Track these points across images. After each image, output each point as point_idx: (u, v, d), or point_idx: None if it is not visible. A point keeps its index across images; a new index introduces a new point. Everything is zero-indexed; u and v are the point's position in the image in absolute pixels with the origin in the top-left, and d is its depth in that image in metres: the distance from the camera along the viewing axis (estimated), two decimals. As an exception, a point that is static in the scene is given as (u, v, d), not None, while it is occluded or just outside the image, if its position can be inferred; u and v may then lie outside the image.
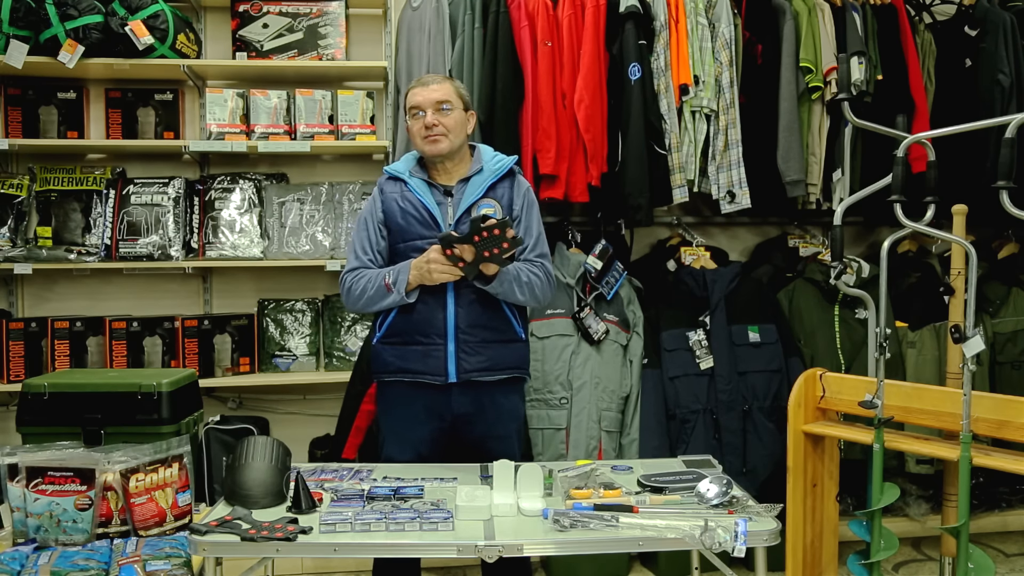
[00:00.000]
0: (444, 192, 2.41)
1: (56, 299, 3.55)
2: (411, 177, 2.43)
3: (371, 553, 1.91)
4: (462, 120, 2.42)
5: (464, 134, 2.44)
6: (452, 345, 2.33)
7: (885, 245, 2.31)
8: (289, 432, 3.59)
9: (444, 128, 2.36)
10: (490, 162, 2.44)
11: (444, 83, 2.41)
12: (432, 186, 2.41)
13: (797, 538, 2.50)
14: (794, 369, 3.17)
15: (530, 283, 2.35)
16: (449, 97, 2.38)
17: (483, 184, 2.40)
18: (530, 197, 2.48)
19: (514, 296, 2.34)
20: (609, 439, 3.20)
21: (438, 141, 2.37)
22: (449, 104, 2.38)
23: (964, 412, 2.09)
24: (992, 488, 3.59)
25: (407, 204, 2.40)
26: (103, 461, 2.03)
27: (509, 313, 2.39)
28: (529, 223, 2.44)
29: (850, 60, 3.08)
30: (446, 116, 2.37)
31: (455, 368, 2.33)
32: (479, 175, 2.41)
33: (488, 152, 2.49)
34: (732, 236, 3.90)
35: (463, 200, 2.38)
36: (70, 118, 3.45)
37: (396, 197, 2.42)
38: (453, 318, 2.33)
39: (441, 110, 2.37)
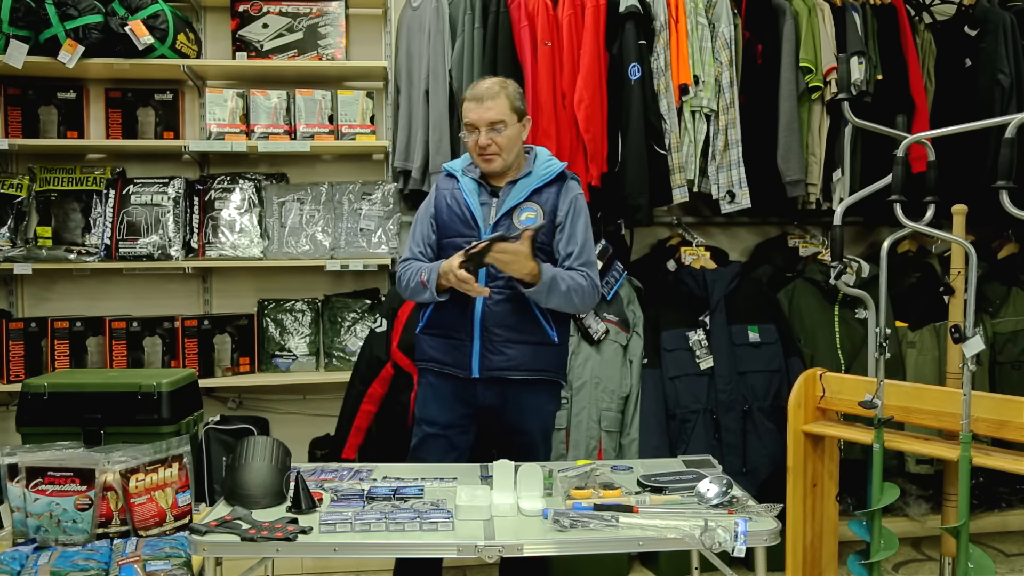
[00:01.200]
0: (491, 193, 2.42)
1: (56, 299, 3.55)
2: (463, 176, 2.45)
3: (371, 553, 1.91)
4: (516, 134, 2.41)
5: (519, 144, 2.44)
6: (478, 343, 2.36)
7: (885, 245, 2.31)
8: (289, 432, 3.58)
9: (497, 147, 2.36)
10: (541, 166, 2.44)
11: (498, 98, 2.36)
12: (481, 186, 2.43)
13: (797, 538, 2.50)
14: (794, 369, 3.17)
15: (568, 292, 2.33)
16: (503, 116, 2.35)
17: (528, 188, 2.40)
18: (578, 204, 2.44)
19: (548, 302, 2.33)
20: (609, 439, 3.20)
21: (491, 161, 2.38)
22: (503, 124, 2.35)
23: (964, 412, 2.09)
24: (992, 488, 3.59)
25: (454, 202, 2.44)
26: (103, 461, 2.03)
27: (540, 316, 2.38)
28: (574, 231, 2.42)
29: (850, 60, 3.08)
30: (500, 135, 2.36)
31: (479, 364, 2.36)
32: (526, 178, 2.42)
33: (543, 155, 2.49)
34: (732, 236, 3.90)
35: (506, 202, 2.40)
36: (70, 118, 3.45)
37: (447, 194, 2.46)
38: (480, 317, 2.36)
39: (494, 130, 2.35)
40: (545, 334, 2.41)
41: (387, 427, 3.00)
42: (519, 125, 2.42)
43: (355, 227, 3.47)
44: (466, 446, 2.46)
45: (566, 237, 2.41)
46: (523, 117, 2.44)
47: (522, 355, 2.37)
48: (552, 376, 2.46)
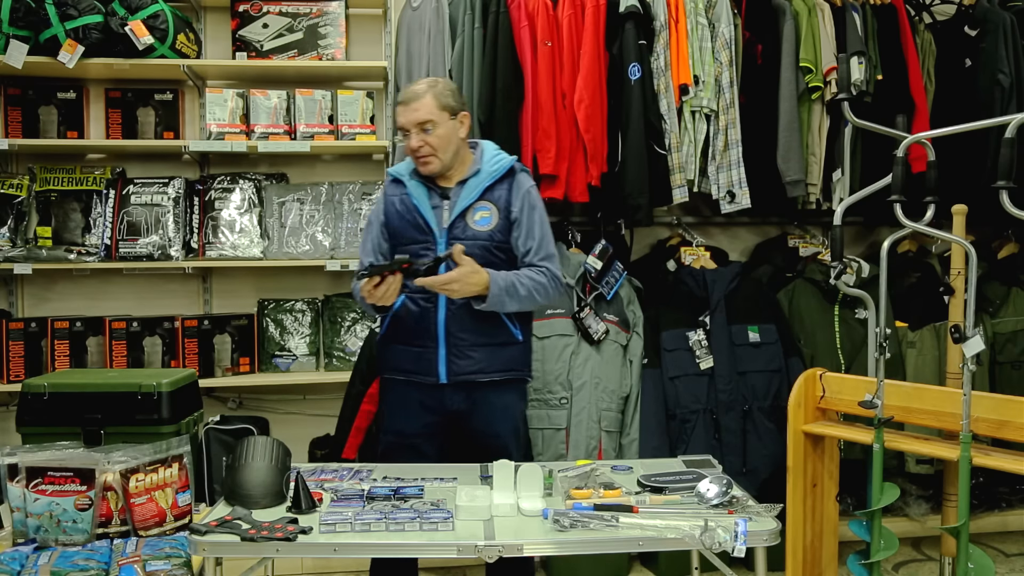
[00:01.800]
0: (441, 195, 2.38)
1: (56, 299, 3.55)
2: (410, 180, 2.41)
3: (371, 553, 1.92)
4: (450, 132, 2.35)
5: (456, 142, 2.38)
6: (443, 349, 2.34)
7: (885, 245, 2.31)
8: (289, 432, 3.58)
9: (430, 148, 2.32)
10: (489, 163, 2.41)
11: (425, 98, 2.32)
12: (430, 189, 2.39)
13: (797, 538, 2.50)
14: (794, 369, 3.17)
15: (530, 294, 2.32)
16: (431, 116, 2.31)
17: (479, 187, 2.37)
18: (531, 198, 2.42)
19: (506, 309, 2.33)
20: (609, 439, 3.20)
21: (428, 163, 2.35)
22: (431, 124, 2.31)
23: (964, 412, 2.09)
24: (992, 488, 3.59)
25: (404, 208, 2.40)
26: (103, 461, 2.03)
27: (503, 316, 2.37)
28: (531, 225, 2.40)
29: (850, 60, 3.08)
30: (431, 135, 2.32)
31: (446, 370, 2.34)
32: (476, 177, 2.38)
33: (490, 151, 2.46)
34: (732, 236, 3.90)
35: (458, 204, 2.36)
36: (70, 118, 3.45)
37: (396, 200, 2.42)
38: (444, 322, 2.33)
39: (424, 131, 2.32)
40: (510, 334, 2.39)
41: (387, 427, 3.00)
42: (453, 122, 2.35)
43: (355, 227, 3.47)
44: (434, 453, 2.43)
45: (524, 233, 2.38)
46: (457, 113, 2.37)
47: (488, 357, 2.36)
48: (519, 375, 2.45)
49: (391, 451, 2.44)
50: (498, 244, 2.36)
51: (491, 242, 2.35)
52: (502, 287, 2.28)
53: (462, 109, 2.40)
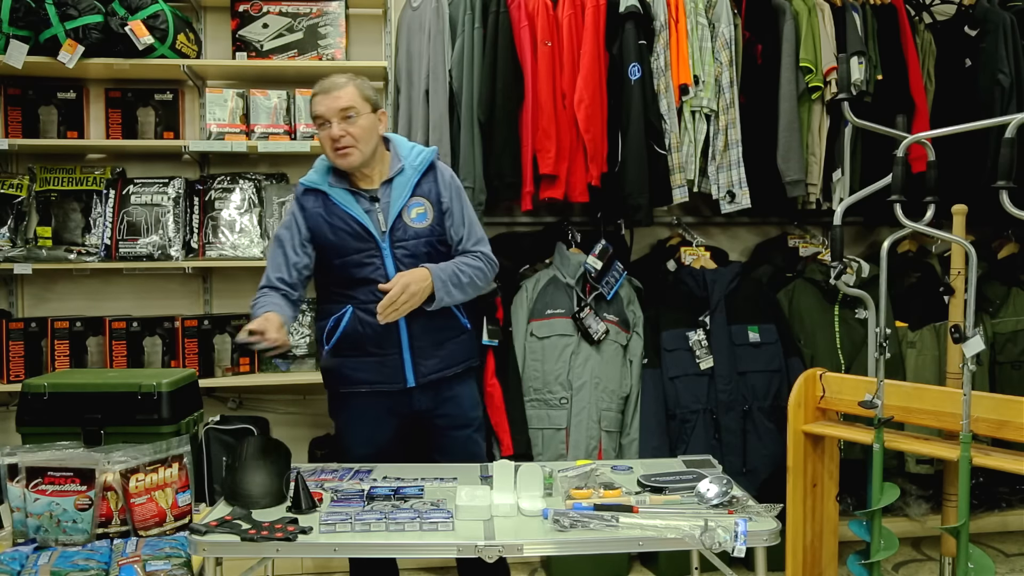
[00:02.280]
0: (370, 199, 2.31)
1: (56, 299, 3.55)
2: (332, 188, 2.32)
3: (371, 553, 1.91)
4: (371, 124, 2.29)
5: (376, 138, 2.32)
6: (407, 353, 2.33)
7: (885, 245, 2.31)
8: (289, 432, 3.59)
9: (352, 139, 2.25)
10: (410, 158, 2.35)
11: (347, 87, 2.27)
12: (356, 194, 2.32)
13: (797, 538, 2.50)
14: (794, 369, 3.17)
15: (472, 281, 2.34)
16: (354, 103, 2.25)
17: (408, 185, 2.32)
18: (455, 185, 2.40)
19: (456, 301, 2.33)
20: (609, 439, 3.20)
21: (349, 154, 2.26)
22: (354, 111, 2.25)
23: (964, 412, 2.09)
24: (992, 488, 3.59)
25: (335, 219, 2.30)
26: (103, 461, 2.03)
27: (455, 310, 2.40)
28: (460, 213, 2.38)
29: (850, 60, 3.08)
30: (353, 125, 2.24)
31: (413, 374, 2.34)
32: (402, 176, 2.33)
33: (405, 146, 2.40)
34: (732, 236, 3.90)
35: (392, 206, 2.30)
36: (70, 118, 3.44)
37: (321, 212, 2.32)
38: (406, 327, 2.31)
39: (347, 119, 2.24)
40: (461, 325, 2.42)
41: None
42: (373, 116, 2.30)
43: (355, 227, 3.46)
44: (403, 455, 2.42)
45: (456, 222, 2.37)
46: (377, 109, 2.33)
47: (451, 352, 2.39)
48: (474, 363, 2.51)
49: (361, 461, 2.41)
50: (439, 237, 2.35)
51: (432, 236, 2.34)
52: (445, 280, 2.28)
53: (381, 106, 2.37)
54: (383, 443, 2.41)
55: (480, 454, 2.49)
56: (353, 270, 2.29)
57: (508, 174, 3.20)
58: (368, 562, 2.38)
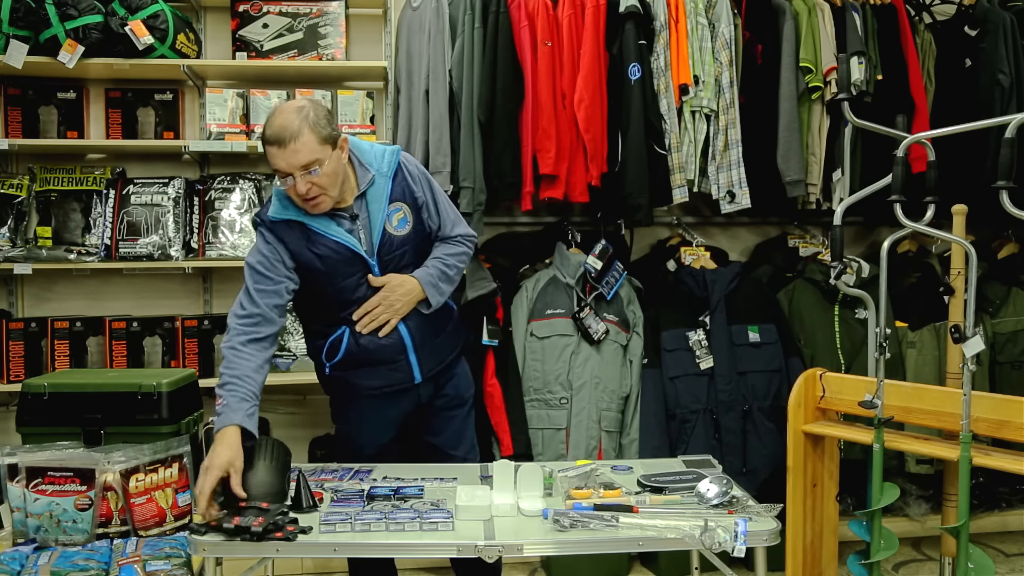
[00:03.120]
0: (350, 218, 2.21)
1: (56, 299, 3.55)
2: (307, 217, 2.16)
3: (371, 553, 1.91)
4: (336, 165, 2.11)
5: (343, 171, 2.16)
6: (413, 355, 2.33)
7: (885, 245, 2.31)
8: (289, 432, 3.59)
9: (320, 188, 2.09)
10: (378, 163, 2.24)
11: (303, 135, 2.03)
12: (333, 218, 2.19)
13: (797, 538, 2.50)
14: (794, 369, 3.17)
15: (457, 268, 2.37)
16: (315, 155, 2.05)
17: (383, 195, 2.23)
18: (423, 176, 2.32)
19: (450, 293, 2.37)
20: (609, 439, 3.20)
21: (319, 203, 2.12)
22: (317, 164, 2.05)
23: (964, 412, 2.09)
24: (992, 488, 3.59)
25: (320, 247, 2.18)
26: (103, 461, 2.03)
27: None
28: (434, 201, 2.33)
29: (850, 60, 3.08)
30: (318, 176, 2.07)
31: (419, 373, 2.35)
32: (374, 187, 2.22)
33: (367, 152, 2.26)
34: (732, 236, 3.90)
35: (373, 220, 2.21)
36: (70, 118, 3.44)
37: (301, 244, 2.18)
38: (409, 337, 2.31)
39: (310, 173, 2.06)
40: (450, 310, 2.45)
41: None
42: (336, 153, 2.10)
43: (355, 227, 3.46)
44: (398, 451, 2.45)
45: (431, 212, 2.33)
46: (336, 141, 2.11)
47: (447, 339, 2.43)
48: (466, 339, 2.56)
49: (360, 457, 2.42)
50: (423, 236, 2.33)
51: (418, 238, 2.32)
52: (435, 282, 2.29)
53: (339, 134, 2.15)
54: (387, 441, 2.42)
55: (470, 435, 2.51)
56: (347, 293, 2.25)
57: (508, 174, 3.20)
58: (367, 562, 2.39)
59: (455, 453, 2.45)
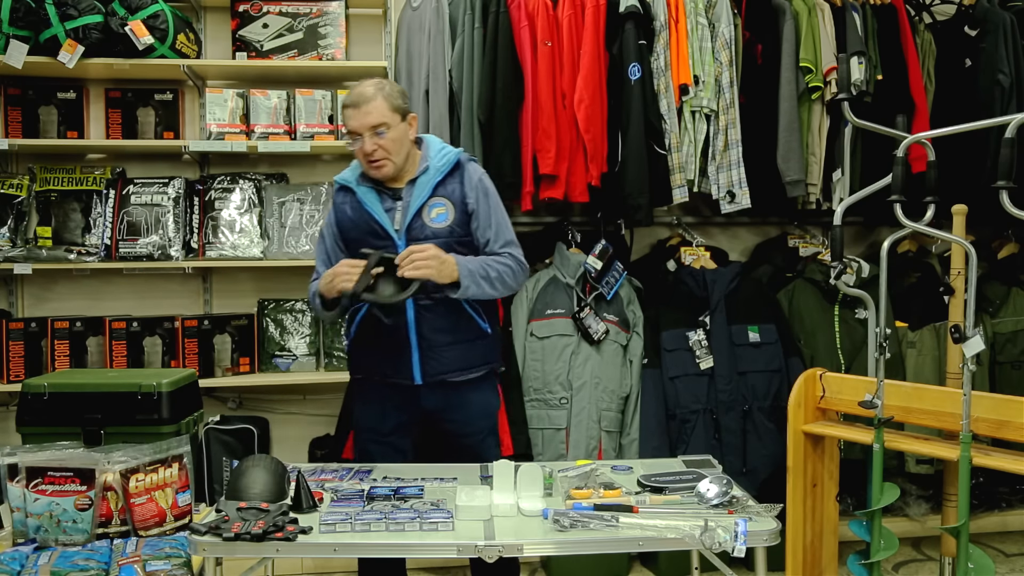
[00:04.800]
0: (393, 197, 2.35)
1: (56, 299, 3.55)
2: (359, 186, 2.38)
3: (371, 553, 1.91)
4: (402, 134, 2.33)
5: (407, 145, 2.36)
6: (416, 351, 2.33)
7: (885, 245, 2.31)
8: (289, 432, 3.59)
9: (384, 151, 2.29)
10: (436, 158, 2.38)
11: (376, 99, 2.28)
12: (381, 192, 2.36)
13: (797, 538, 2.50)
14: (794, 369, 3.17)
15: (500, 276, 2.33)
16: (384, 119, 2.27)
17: (429, 184, 2.34)
18: (484, 186, 2.40)
19: (484, 294, 2.32)
20: (609, 439, 3.20)
21: (382, 166, 2.31)
22: (385, 126, 2.28)
23: (964, 412, 2.09)
24: (992, 488, 3.59)
25: (356, 215, 2.36)
26: (103, 461, 2.03)
27: (471, 311, 2.36)
28: (487, 214, 2.38)
29: (850, 60, 3.08)
30: (384, 139, 2.28)
31: (420, 372, 2.33)
32: (425, 175, 2.35)
33: (435, 145, 2.43)
34: (732, 236, 3.90)
35: (411, 204, 2.33)
36: (70, 118, 3.44)
37: (347, 208, 2.39)
38: (414, 325, 2.32)
39: (378, 134, 2.28)
40: (479, 328, 2.38)
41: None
42: (404, 124, 2.33)
43: (355, 227, 3.46)
44: (410, 448, 2.43)
45: (482, 223, 2.37)
46: (407, 115, 2.35)
47: (461, 355, 2.36)
48: (492, 368, 2.45)
49: (368, 451, 2.43)
50: (459, 239, 2.34)
51: (451, 238, 2.33)
52: (473, 270, 2.27)
53: (410, 111, 2.39)
54: (387, 433, 2.40)
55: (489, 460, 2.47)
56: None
57: (508, 174, 3.20)
58: (376, 562, 2.38)
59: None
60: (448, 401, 2.37)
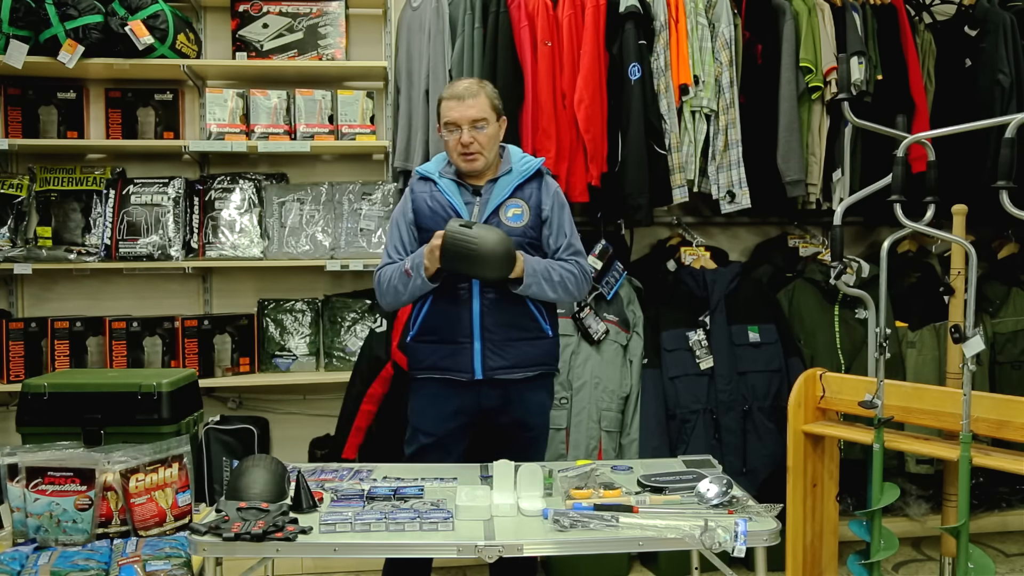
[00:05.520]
0: (473, 192, 2.43)
1: (56, 299, 3.55)
2: (441, 177, 2.45)
3: (371, 553, 1.91)
4: (496, 132, 2.43)
5: (497, 144, 2.46)
6: (478, 344, 2.36)
7: (885, 245, 2.31)
8: (289, 432, 3.59)
9: (480, 146, 2.37)
10: (518, 163, 2.47)
11: (479, 96, 2.39)
12: (461, 186, 2.44)
13: (797, 538, 2.50)
14: (794, 369, 3.17)
15: (562, 281, 2.38)
16: (485, 114, 2.37)
17: (511, 184, 2.42)
18: (560, 198, 2.49)
19: (544, 295, 2.37)
20: (609, 439, 3.20)
21: (475, 160, 2.39)
22: (484, 122, 2.37)
23: (964, 412, 2.09)
24: (992, 488, 3.59)
25: (436, 204, 2.42)
26: (103, 461, 2.03)
27: (535, 310, 2.42)
28: (561, 223, 2.46)
29: (850, 60, 3.08)
30: (481, 133, 2.37)
31: (481, 366, 2.37)
32: (507, 175, 2.44)
33: (517, 153, 2.52)
34: (732, 236, 3.90)
35: (491, 200, 2.41)
36: (70, 118, 3.45)
37: (426, 197, 2.45)
38: (479, 317, 2.36)
39: (477, 128, 2.36)
40: (541, 329, 2.44)
41: (387, 427, 3.00)
42: (497, 124, 2.43)
43: (355, 227, 3.47)
44: (461, 451, 2.45)
45: (555, 231, 2.45)
46: (501, 116, 2.46)
47: (523, 353, 2.40)
48: (550, 369, 2.50)
49: (421, 452, 2.44)
50: (530, 240, 2.42)
51: (524, 238, 2.40)
52: (537, 270, 2.34)
53: (503, 112, 2.48)
54: (444, 436, 2.42)
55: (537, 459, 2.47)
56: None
57: (508, 174, 3.20)
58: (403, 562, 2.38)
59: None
60: (507, 399, 2.41)
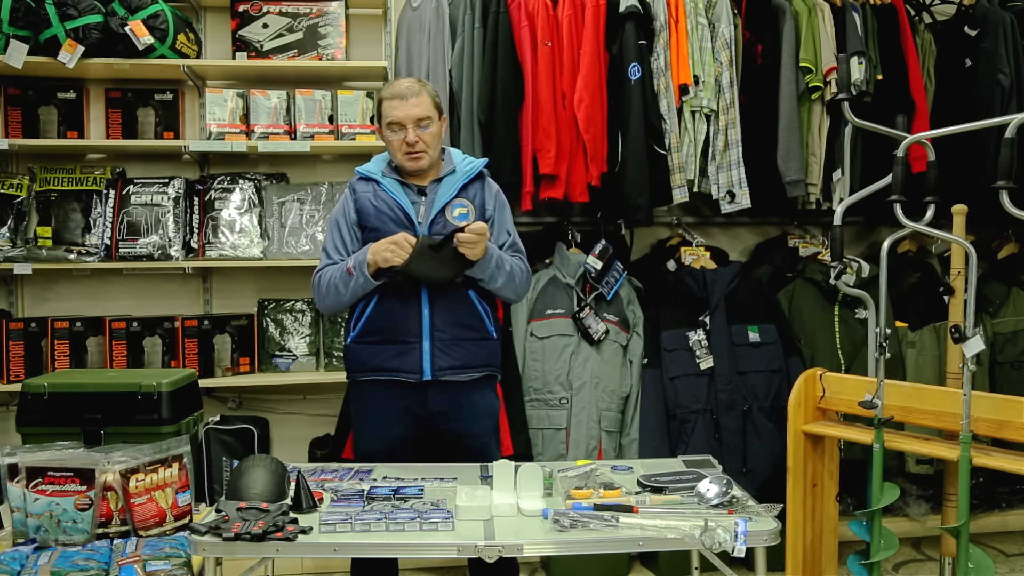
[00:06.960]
0: (418, 191, 2.43)
1: (56, 299, 3.55)
2: (384, 177, 2.44)
3: (371, 553, 1.92)
4: (439, 131, 2.44)
5: (440, 142, 2.47)
6: (427, 343, 2.35)
7: (885, 245, 2.31)
8: (289, 432, 3.59)
9: (425, 144, 2.38)
10: (461, 163, 2.48)
11: (422, 95, 2.39)
12: (405, 186, 2.44)
13: (797, 538, 2.50)
14: (794, 369, 3.17)
15: (511, 272, 2.39)
16: (428, 113, 2.38)
17: (456, 184, 2.43)
18: (501, 199, 2.52)
19: (496, 281, 2.37)
20: (609, 439, 3.20)
21: (420, 158, 2.39)
22: (429, 120, 2.38)
23: (964, 412, 2.09)
24: (992, 488, 3.59)
25: (381, 203, 2.42)
26: (103, 461, 2.03)
27: (481, 310, 2.42)
28: (503, 223, 2.49)
29: (850, 60, 3.08)
30: (426, 132, 2.37)
31: (430, 366, 2.35)
32: (451, 176, 2.44)
33: (458, 154, 2.54)
34: (732, 236, 3.90)
35: (437, 199, 2.41)
36: (70, 118, 3.44)
37: (369, 197, 2.44)
38: (428, 317, 2.35)
39: (421, 127, 2.37)
40: (486, 329, 2.44)
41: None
42: (439, 122, 2.45)
43: (355, 227, 3.46)
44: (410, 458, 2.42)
45: (498, 230, 2.48)
46: (442, 115, 2.47)
47: (470, 353, 2.39)
48: (494, 371, 2.50)
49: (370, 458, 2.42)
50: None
51: None
52: (492, 254, 2.34)
53: (443, 111, 2.51)
54: (394, 441, 2.41)
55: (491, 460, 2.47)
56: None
57: (508, 174, 3.20)
58: (368, 562, 2.39)
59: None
60: (454, 401, 2.39)
